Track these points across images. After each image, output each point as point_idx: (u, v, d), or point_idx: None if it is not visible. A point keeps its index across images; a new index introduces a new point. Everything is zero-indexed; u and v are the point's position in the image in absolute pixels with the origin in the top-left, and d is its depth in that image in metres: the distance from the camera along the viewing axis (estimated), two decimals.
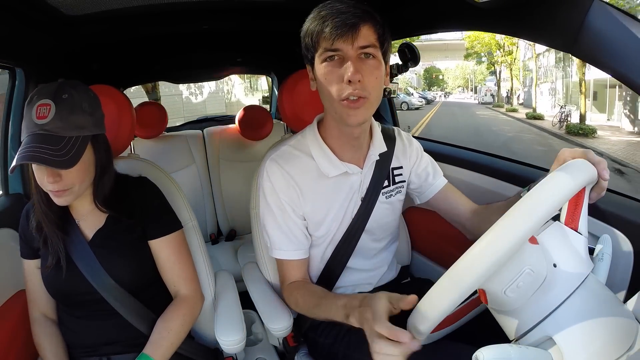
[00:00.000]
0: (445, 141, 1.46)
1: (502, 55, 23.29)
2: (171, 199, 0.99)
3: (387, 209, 0.95)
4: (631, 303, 0.57)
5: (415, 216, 1.29)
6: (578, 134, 11.81)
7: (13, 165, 0.72)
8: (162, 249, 0.89)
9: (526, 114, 18.29)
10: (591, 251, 0.59)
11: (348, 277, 0.96)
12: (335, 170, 0.87)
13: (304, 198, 0.87)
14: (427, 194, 0.99)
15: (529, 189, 0.68)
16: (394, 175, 0.96)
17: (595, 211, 0.83)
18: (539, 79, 20.81)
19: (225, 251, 1.93)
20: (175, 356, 0.86)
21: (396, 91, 1.60)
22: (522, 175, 1.04)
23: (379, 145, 0.92)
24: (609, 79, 13.10)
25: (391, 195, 0.95)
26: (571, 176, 0.52)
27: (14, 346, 0.87)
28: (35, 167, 0.76)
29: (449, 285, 0.51)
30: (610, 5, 0.64)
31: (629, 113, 12.44)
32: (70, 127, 0.74)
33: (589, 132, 11.76)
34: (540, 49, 20.36)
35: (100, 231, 0.86)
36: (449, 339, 0.74)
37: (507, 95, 26.47)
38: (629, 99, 12.28)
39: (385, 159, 0.93)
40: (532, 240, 0.54)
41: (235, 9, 1.24)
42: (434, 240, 1.26)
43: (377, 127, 0.94)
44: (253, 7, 1.25)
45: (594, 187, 0.60)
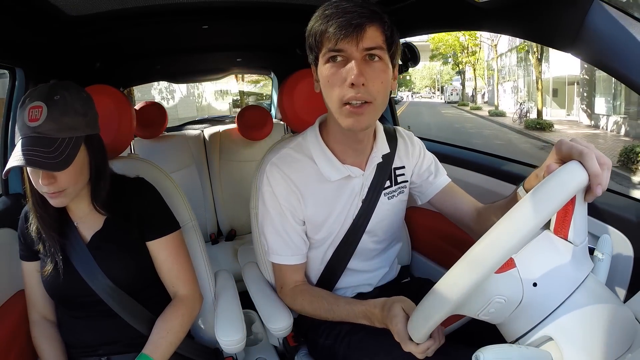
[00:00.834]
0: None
1: (467, 56, 23.91)
2: (171, 199, 0.99)
3: (389, 210, 0.94)
4: (631, 303, 0.57)
5: (416, 216, 1.29)
6: (536, 128, 12.70)
7: (6, 168, 0.71)
8: (160, 250, 0.89)
9: (489, 112, 19.02)
10: (591, 251, 0.59)
11: (348, 279, 0.96)
12: (337, 174, 0.86)
13: (304, 202, 0.87)
14: (428, 194, 0.97)
15: (524, 185, 0.67)
16: (396, 176, 0.95)
17: (595, 211, 0.83)
18: (503, 78, 21.67)
19: (225, 251, 1.93)
20: (175, 356, 0.86)
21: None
22: (523, 175, 1.04)
23: (382, 147, 0.90)
24: (567, 76, 14.21)
25: (393, 195, 0.94)
26: (552, 194, 0.48)
27: (14, 346, 0.86)
28: (30, 170, 0.76)
29: (435, 303, 0.55)
30: (610, 5, 0.64)
31: (586, 108, 13.21)
32: (62, 129, 0.74)
33: (546, 127, 12.64)
34: (502, 49, 21.19)
35: (98, 233, 0.86)
36: (449, 339, 0.73)
37: (472, 94, 26.92)
38: (585, 94, 13.07)
39: (387, 160, 0.92)
40: (506, 265, 0.53)
41: (236, 9, 1.24)
42: (434, 240, 1.25)
43: (380, 128, 0.92)
44: (253, 7, 1.25)
45: (587, 193, 0.52)
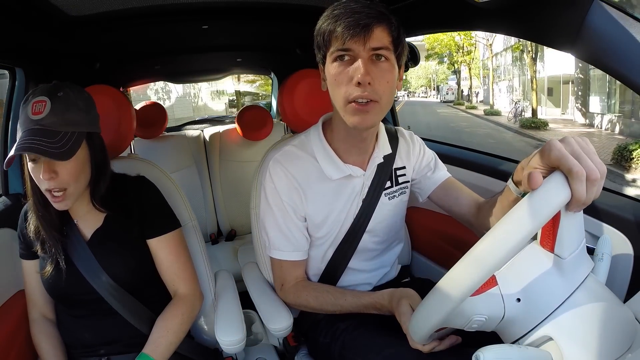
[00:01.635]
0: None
1: (462, 55, 24.06)
2: (171, 199, 0.99)
3: (390, 210, 0.94)
4: (631, 303, 0.57)
5: (416, 216, 1.29)
6: (531, 127, 12.87)
7: (10, 155, 0.71)
8: (160, 248, 0.89)
9: (484, 111, 19.17)
10: (591, 251, 0.59)
11: (348, 278, 0.96)
12: (338, 173, 0.87)
13: (306, 199, 0.87)
14: (428, 189, 0.96)
15: (512, 178, 0.67)
16: (397, 176, 0.95)
17: (595, 211, 0.83)
18: (498, 77, 21.91)
19: (225, 251, 1.93)
20: (175, 356, 0.86)
21: None
22: None
23: (384, 148, 0.91)
24: (562, 75, 14.39)
25: (394, 196, 0.94)
26: (534, 212, 0.46)
27: (14, 346, 0.86)
28: (32, 166, 0.76)
29: (426, 314, 0.57)
30: (610, 5, 0.64)
31: (580, 107, 13.41)
32: (65, 123, 0.75)
33: (541, 125, 12.80)
34: (497, 48, 21.38)
35: (98, 231, 0.86)
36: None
37: (468, 93, 27.09)
38: (580, 93, 13.26)
39: (388, 161, 0.92)
40: (487, 284, 0.54)
41: (236, 9, 1.24)
42: (434, 240, 1.25)
43: (382, 129, 0.93)
44: (253, 7, 1.25)
45: (570, 204, 0.48)
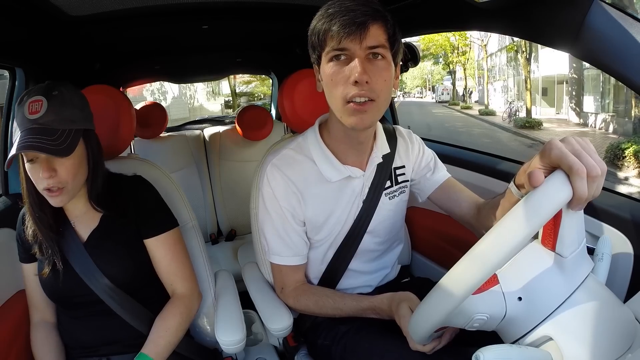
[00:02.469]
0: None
1: (457, 56, 24.14)
2: (171, 199, 0.99)
3: (391, 210, 0.94)
4: (631, 303, 0.57)
5: (416, 216, 1.29)
6: (525, 126, 13.05)
7: (11, 154, 0.72)
8: (158, 247, 0.89)
9: (479, 111, 19.25)
10: (591, 251, 0.59)
11: (349, 280, 0.96)
12: (337, 174, 0.86)
13: (305, 203, 0.87)
14: (427, 190, 0.96)
15: (514, 181, 0.68)
16: (396, 176, 0.95)
17: (595, 211, 0.83)
18: (493, 77, 22.02)
19: (225, 251, 1.93)
20: (175, 356, 0.86)
21: None
22: None
23: (382, 147, 0.90)
24: (556, 75, 14.51)
25: (394, 195, 0.94)
26: (535, 211, 0.47)
27: (14, 346, 0.86)
28: (30, 167, 0.76)
29: (424, 317, 0.57)
30: (610, 5, 0.64)
31: (574, 106, 13.52)
32: (62, 121, 0.75)
33: (535, 125, 12.97)
34: (491, 49, 21.46)
35: (95, 231, 0.86)
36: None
37: (463, 93, 27.15)
38: (574, 93, 13.37)
39: (387, 160, 0.91)
40: (488, 282, 0.54)
41: (235, 9, 1.24)
42: (434, 240, 1.25)
43: (380, 128, 0.92)
44: (253, 7, 1.25)
45: (571, 202, 0.48)
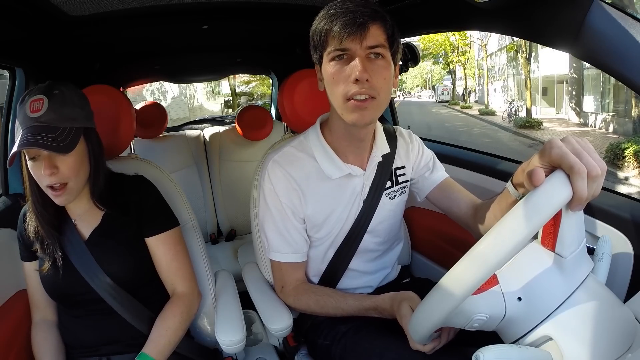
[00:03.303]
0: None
1: (457, 56, 24.14)
2: (171, 199, 0.99)
3: (391, 211, 0.94)
4: (631, 303, 0.57)
5: (416, 216, 1.29)
6: (525, 126, 13.04)
7: (13, 151, 0.72)
8: (158, 246, 0.89)
9: (479, 110, 19.23)
10: (591, 251, 0.59)
11: (349, 280, 0.96)
12: (338, 172, 0.87)
13: (305, 200, 0.87)
14: (425, 189, 0.97)
15: (512, 181, 0.68)
16: (396, 176, 0.95)
17: (595, 211, 0.83)
18: (493, 77, 22.03)
19: (225, 251, 1.93)
20: (175, 356, 0.86)
21: None
22: None
23: (382, 147, 0.91)
24: (556, 75, 14.54)
25: (395, 196, 0.94)
26: (536, 211, 0.47)
27: (14, 346, 0.86)
28: (32, 165, 0.76)
29: (423, 319, 0.58)
30: (610, 5, 0.64)
31: (574, 106, 13.56)
32: (63, 119, 0.76)
33: (535, 125, 12.96)
34: (491, 48, 21.46)
35: (96, 230, 0.86)
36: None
37: (463, 93, 27.14)
38: (574, 93, 13.40)
39: (387, 160, 0.92)
40: (488, 283, 0.54)
41: (235, 9, 1.24)
42: (434, 240, 1.25)
43: (380, 128, 0.93)
44: (253, 7, 1.25)
45: (571, 202, 0.48)
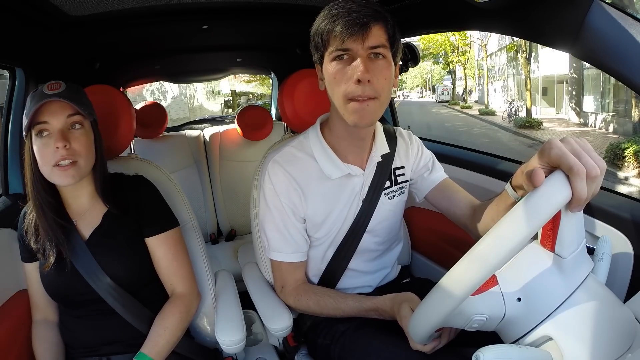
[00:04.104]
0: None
1: (457, 56, 24.14)
2: (171, 199, 0.99)
3: (390, 210, 0.95)
4: (631, 303, 0.57)
5: (415, 216, 1.29)
6: (525, 126, 13.10)
7: (34, 109, 0.75)
8: (158, 246, 0.89)
9: (479, 110, 19.25)
10: (591, 251, 0.59)
11: (349, 280, 0.96)
12: (337, 172, 0.87)
13: (305, 200, 0.87)
14: (424, 189, 0.97)
15: (511, 182, 0.68)
16: (396, 176, 0.95)
17: (595, 211, 0.83)
18: (493, 77, 22.04)
19: (225, 251, 1.93)
20: (175, 356, 0.86)
21: None
22: None
23: (382, 146, 0.91)
24: (556, 75, 14.56)
25: (394, 196, 0.95)
26: (535, 211, 0.47)
27: (14, 346, 0.86)
28: (41, 142, 0.78)
29: (422, 320, 0.58)
30: (610, 5, 0.64)
31: (574, 106, 13.58)
32: (79, 102, 0.80)
33: (535, 125, 13.01)
34: (491, 48, 21.48)
35: (97, 230, 0.86)
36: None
37: (463, 93, 27.08)
38: (574, 93, 13.43)
39: (387, 160, 0.92)
40: (487, 283, 0.54)
41: (236, 9, 1.24)
42: (434, 240, 1.25)
43: (380, 128, 0.93)
44: (253, 7, 1.25)
45: (571, 203, 0.48)
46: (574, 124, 13.34)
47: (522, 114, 15.12)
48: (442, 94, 30.02)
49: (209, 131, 2.20)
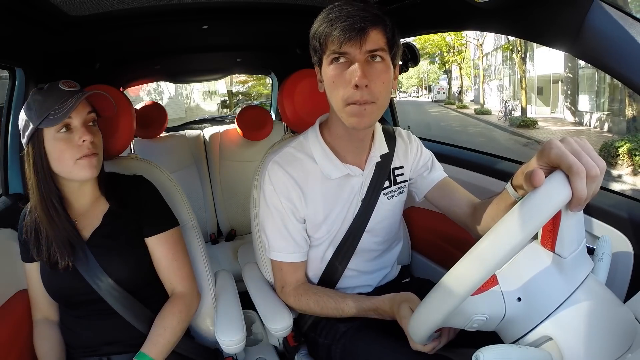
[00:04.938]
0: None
1: (453, 55, 24.22)
2: (171, 199, 0.99)
3: (390, 210, 0.95)
4: (631, 303, 0.57)
5: (415, 216, 1.29)
6: (520, 125, 13.27)
7: (74, 103, 0.77)
8: (158, 246, 0.89)
9: (475, 110, 19.41)
10: (591, 251, 0.59)
11: (349, 279, 0.96)
12: (337, 172, 0.87)
13: (305, 201, 0.87)
14: (424, 189, 0.97)
15: (512, 182, 0.68)
16: (395, 176, 0.95)
17: (595, 211, 0.83)
18: (489, 76, 22.19)
19: (225, 251, 1.93)
20: (175, 356, 0.86)
21: None
22: None
23: (381, 147, 0.92)
24: (552, 74, 14.67)
25: (393, 196, 0.95)
26: (535, 211, 0.47)
27: (15, 346, 0.86)
28: (63, 137, 0.79)
29: (422, 320, 0.58)
30: (610, 5, 0.64)
31: (570, 105, 13.70)
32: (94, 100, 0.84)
33: (530, 124, 13.21)
34: (487, 48, 21.59)
35: (97, 230, 0.86)
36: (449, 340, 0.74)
37: (458, 92, 27.14)
38: (569, 92, 13.53)
39: (386, 160, 0.93)
40: (488, 283, 0.54)
41: (236, 9, 1.24)
42: (434, 240, 1.26)
43: (379, 128, 0.93)
44: (253, 7, 1.25)
45: (571, 203, 0.48)
46: (569, 123, 13.43)
47: (518, 113, 15.22)
48: (439, 93, 30.04)
49: (209, 131, 2.20)
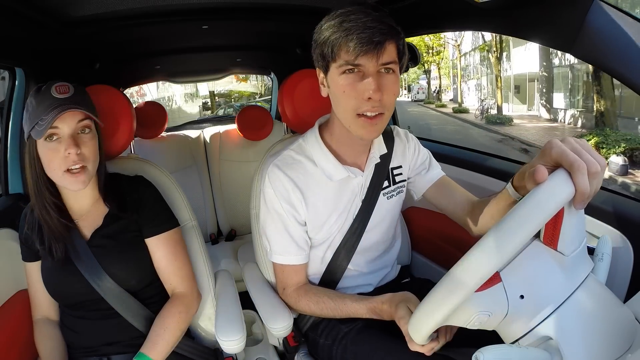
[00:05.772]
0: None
1: (432, 56, 24.31)
2: (171, 199, 0.99)
3: (389, 210, 0.95)
4: (631, 303, 0.57)
5: (415, 216, 1.29)
6: (496, 123, 13.66)
7: (50, 117, 0.74)
8: (158, 247, 0.89)
9: (453, 109, 19.55)
10: (591, 251, 0.59)
11: (349, 279, 0.96)
12: (337, 174, 0.87)
13: (306, 203, 0.87)
14: (422, 187, 0.97)
15: (512, 182, 0.68)
16: (393, 176, 0.95)
17: (595, 211, 0.83)
18: (467, 76, 22.40)
19: (225, 251, 1.93)
20: (175, 356, 0.86)
21: None
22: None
23: (380, 148, 0.92)
24: (528, 73, 14.92)
25: (392, 195, 0.95)
26: (537, 209, 0.47)
27: (15, 346, 0.86)
28: (50, 147, 0.77)
29: (422, 318, 0.57)
30: (610, 5, 0.64)
31: (545, 103, 13.98)
32: (86, 105, 0.80)
33: (506, 121, 13.62)
34: (466, 48, 21.78)
35: (98, 230, 0.86)
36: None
37: (437, 92, 27.27)
38: (545, 90, 13.81)
39: (384, 160, 0.93)
40: (491, 280, 0.54)
41: (235, 9, 1.24)
42: (434, 240, 1.25)
43: None
44: (253, 7, 1.25)
45: (574, 199, 0.48)
46: (544, 120, 13.67)
47: (495, 111, 15.41)
48: (418, 93, 30.06)
49: (209, 131, 2.20)
